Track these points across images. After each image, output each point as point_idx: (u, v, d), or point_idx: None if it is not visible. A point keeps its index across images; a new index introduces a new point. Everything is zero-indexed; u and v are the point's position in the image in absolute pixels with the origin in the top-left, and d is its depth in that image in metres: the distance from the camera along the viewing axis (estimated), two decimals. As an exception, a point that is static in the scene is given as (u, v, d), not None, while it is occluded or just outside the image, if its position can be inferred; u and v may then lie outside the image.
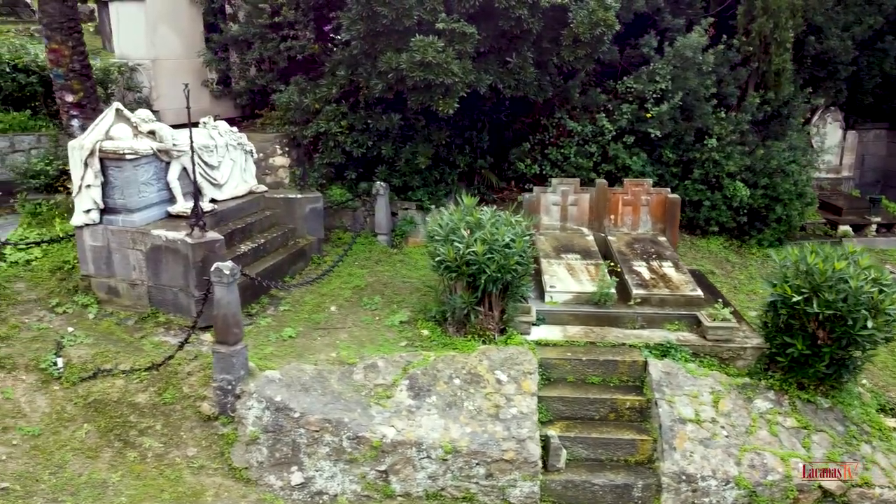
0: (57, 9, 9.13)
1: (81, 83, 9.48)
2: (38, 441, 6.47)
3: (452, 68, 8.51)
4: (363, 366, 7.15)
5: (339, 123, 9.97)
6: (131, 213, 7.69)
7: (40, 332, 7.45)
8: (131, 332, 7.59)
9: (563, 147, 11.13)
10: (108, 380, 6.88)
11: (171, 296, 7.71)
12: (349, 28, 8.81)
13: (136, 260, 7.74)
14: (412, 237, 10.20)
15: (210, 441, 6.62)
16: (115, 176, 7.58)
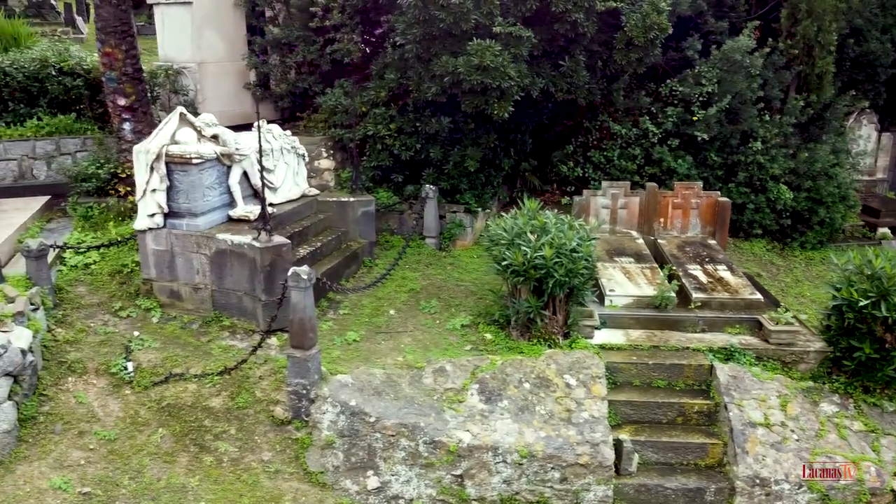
0: (111, 13, 9.14)
1: (134, 87, 9.49)
2: (115, 445, 6.48)
3: (509, 72, 8.52)
4: (431, 370, 7.16)
5: (388, 126, 9.98)
6: (195, 217, 7.69)
7: (107, 336, 7.45)
8: (197, 336, 7.60)
9: (605, 150, 11.14)
10: (180, 384, 6.88)
11: (235, 300, 7.72)
12: (404, 32, 8.81)
13: (200, 264, 7.74)
14: (460, 240, 10.20)
15: (284, 445, 6.63)
16: (181, 180, 7.59)
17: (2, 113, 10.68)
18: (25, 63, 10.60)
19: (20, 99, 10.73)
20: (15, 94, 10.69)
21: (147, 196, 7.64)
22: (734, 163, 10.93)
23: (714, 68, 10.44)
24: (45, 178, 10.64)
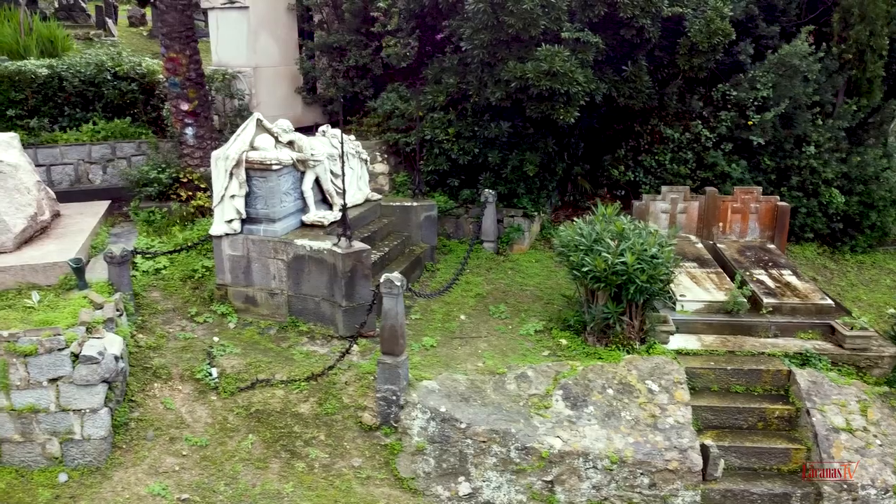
0: (176, 19, 9.16)
1: (196, 92, 9.51)
2: (207, 452, 6.50)
3: (577, 77, 8.55)
4: (513, 376, 7.18)
5: (446, 131, 10.00)
6: (273, 223, 7.71)
7: (187, 341, 7.47)
8: (276, 341, 7.62)
9: (657, 154, 11.15)
10: (267, 390, 6.90)
11: (312, 305, 7.74)
12: (471, 37, 8.84)
13: (277, 269, 7.76)
14: (517, 244, 10.22)
15: (373, 451, 6.65)
16: (259, 186, 7.61)
17: (58, 118, 10.70)
18: (82, 68, 10.63)
19: (76, 103, 10.76)
20: (71, 99, 10.71)
21: (225, 202, 7.66)
22: (787, 167, 10.94)
23: (769, 73, 10.46)
24: (101, 183, 10.66)
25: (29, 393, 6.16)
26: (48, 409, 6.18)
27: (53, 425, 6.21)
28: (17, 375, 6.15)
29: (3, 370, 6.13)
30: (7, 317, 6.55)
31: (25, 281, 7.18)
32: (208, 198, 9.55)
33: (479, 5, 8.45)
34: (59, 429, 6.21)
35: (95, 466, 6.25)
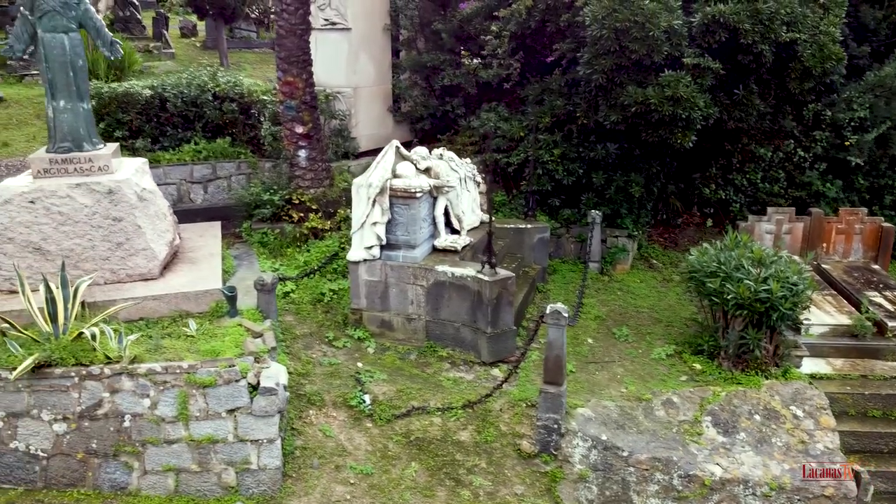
0: (294, 43, 9.25)
1: (310, 115, 9.60)
2: (373, 480, 6.57)
3: (698, 103, 8.65)
4: (659, 402, 7.27)
5: (551, 152, 10.09)
6: (412, 249, 7.80)
7: (332, 367, 7.55)
8: (419, 366, 7.70)
9: (748, 173, 11.25)
10: (424, 418, 6.98)
11: (451, 330, 7.82)
12: (590, 62, 8.93)
13: (415, 295, 7.85)
14: (620, 264, 10.31)
15: (534, 479, 6.73)
16: (401, 213, 7.69)
17: (159, 138, 10.78)
18: (184, 88, 10.71)
19: (177, 124, 10.84)
20: (172, 119, 10.79)
21: (365, 228, 7.74)
22: (881, 186, 11.05)
23: (866, 94, 10.56)
24: (202, 202, 10.75)
25: (208, 424, 6.24)
26: (226, 440, 6.26)
27: (230, 455, 6.28)
28: (197, 406, 6.22)
29: (184, 401, 6.21)
30: (173, 346, 6.62)
31: (179, 308, 7.25)
32: (320, 219, 9.64)
33: (602, 31, 8.54)
34: (235, 459, 6.29)
35: (270, 496, 6.33)
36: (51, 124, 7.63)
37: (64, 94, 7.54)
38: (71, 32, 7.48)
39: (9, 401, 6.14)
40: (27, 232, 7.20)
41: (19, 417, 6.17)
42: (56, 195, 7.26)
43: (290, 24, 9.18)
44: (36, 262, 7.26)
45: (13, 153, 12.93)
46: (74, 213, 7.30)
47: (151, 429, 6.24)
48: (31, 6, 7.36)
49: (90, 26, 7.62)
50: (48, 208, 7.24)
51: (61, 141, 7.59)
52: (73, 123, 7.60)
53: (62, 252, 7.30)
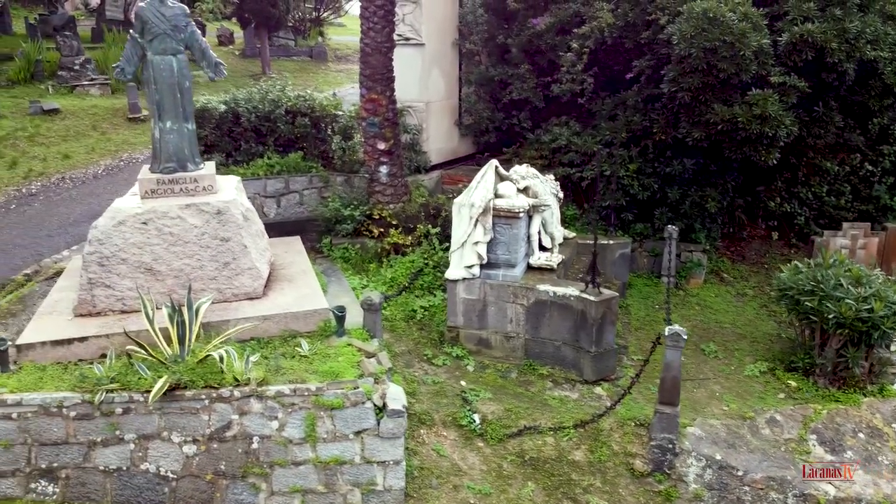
0: (380, 61, 9.32)
1: (392, 131, 9.67)
2: (492, 500, 6.65)
3: (785, 120, 8.74)
4: (762, 420, 7.35)
5: (626, 167, 10.17)
6: (512, 268, 7.88)
7: (436, 385, 7.62)
8: (521, 385, 7.78)
9: (813, 186, 11.33)
10: (536, 437, 7.05)
11: (551, 349, 7.90)
12: (675, 79, 8.99)
13: (515, 313, 7.92)
14: (693, 278, 10.39)
15: (648, 497, 6.81)
16: (503, 233, 7.77)
17: (232, 152, 10.85)
18: (258, 103, 10.78)
19: (250, 138, 10.90)
20: (245, 134, 10.86)
21: (466, 247, 7.82)
22: (947, 200, 11.14)
23: (935, 108, 10.64)
24: (275, 216, 10.79)
25: (335, 445, 6.31)
26: (353, 461, 6.33)
27: (356, 476, 6.35)
28: (324, 428, 6.29)
29: (312, 423, 6.28)
30: (293, 367, 6.68)
31: (288, 328, 7.31)
32: (400, 234, 9.71)
33: (691, 50, 8.61)
34: (361, 480, 6.36)
35: (394, 516, 6.40)
36: (156, 145, 7.69)
37: (171, 115, 7.61)
38: (179, 55, 7.55)
39: (140, 423, 6.21)
40: (139, 253, 7.27)
41: (150, 439, 6.24)
42: (167, 216, 7.32)
43: (377, 43, 9.26)
44: (146, 283, 7.32)
45: (75, 165, 13.06)
46: (184, 234, 7.37)
47: (279, 450, 6.31)
48: (142, 29, 7.42)
49: (196, 48, 7.69)
50: (160, 229, 7.31)
51: (166, 161, 7.65)
52: (179, 144, 7.67)
53: (172, 272, 7.37)
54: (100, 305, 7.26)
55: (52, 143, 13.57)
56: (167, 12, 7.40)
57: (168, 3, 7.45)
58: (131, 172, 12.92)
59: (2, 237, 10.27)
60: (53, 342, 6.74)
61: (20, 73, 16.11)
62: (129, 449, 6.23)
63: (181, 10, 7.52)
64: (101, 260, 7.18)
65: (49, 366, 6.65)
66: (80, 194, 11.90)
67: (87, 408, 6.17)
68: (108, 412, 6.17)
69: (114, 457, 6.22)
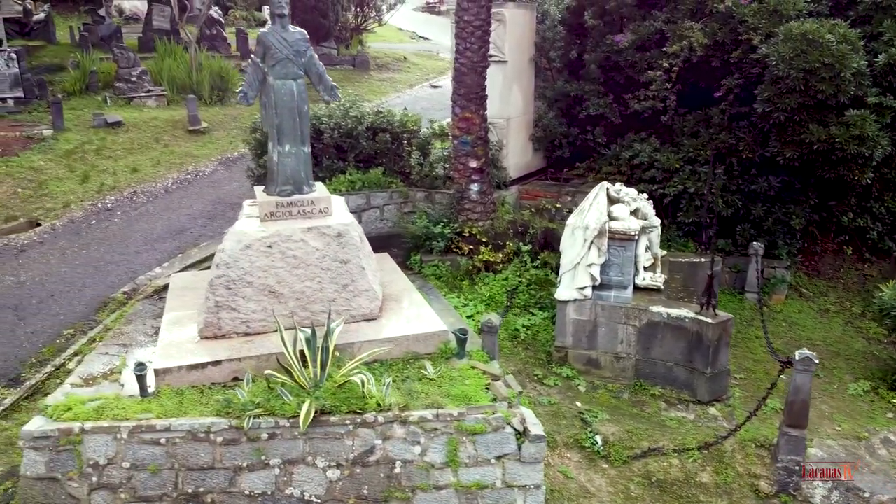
0: (475, 80, 9.40)
1: (483, 149, 9.75)
2: (625, 522, 6.73)
3: (881, 140, 8.83)
4: (878, 440, 7.44)
5: (714, 184, 10.24)
6: (624, 290, 7.96)
7: (553, 406, 7.70)
8: (635, 405, 7.86)
9: (886, 201, 11.41)
10: (661, 459, 7.13)
11: (662, 369, 7.98)
12: (771, 99, 9.07)
13: (626, 334, 8.00)
14: (775, 294, 10.47)
15: (775, 519, 6.89)
16: (617, 254, 7.85)
17: (314, 168, 10.89)
18: (340, 120, 10.84)
19: (331, 154, 10.97)
20: (327, 150, 10.92)
21: (579, 269, 7.90)
22: None
23: None
24: (357, 232, 10.86)
25: (476, 470, 6.38)
26: (494, 486, 6.40)
27: (497, 501, 6.42)
28: (466, 453, 6.36)
29: (454, 448, 6.35)
30: (425, 391, 6.74)
31: (409, 350, 7.38)
32: (491, 252, 9.78)
33: (789, 71, 8.69)
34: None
35: (533, 539, 6.47)
36: (274, 168, 7.75)
37: (290, 139, 7.67)
38: (298, 79, 7.61)
39: (285, 448, 6.28)
40: (264, 276, 7.33)
41: (295, 464, 6.31)
42: (291, 239, 7.39)
43: (472, 62, 9.33)
44: (270, 305, 7.39)
45: (144, 179, 13.12)
46: (306, 257, 7.44)
47: (421, 475, 6.37)
48: (264, 55, 7.48)
49: (314, 72, 7.75)
50: (283, 252, 7.37)
51: (283, 184, 7.72)
52: (296, 167, 7.74)
53: (294, 294, 7.44)
54: (225, 328, 7.32)
55: (119, 157, 13.62)
56: (289, 38, 7.47)
57: (289, 29, 7.52)
58: (202, 186, 13.01)
59: (91, 254, 10.33)
60: (189, 366, 6.81)
61: (75, 84, 16.17)
62: (274, 474, 6.29)
63: (301, 36, 7.58)
64: (229, 283, 7.25)
65: (186, 390, 6.73)
66: (156, 209, 11.95)
67: (233, 433, 6.23)
68: (254, 437, 6.24)
69: (259, 482, 6.29)
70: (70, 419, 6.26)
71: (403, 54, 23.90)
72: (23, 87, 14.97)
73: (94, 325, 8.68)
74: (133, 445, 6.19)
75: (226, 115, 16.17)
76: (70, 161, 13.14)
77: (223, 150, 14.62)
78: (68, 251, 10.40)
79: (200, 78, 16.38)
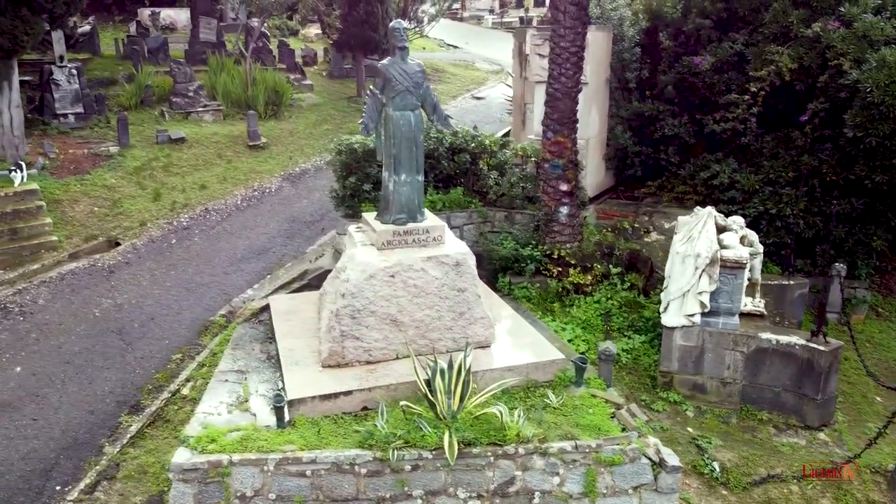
0: (568, 106, 9.51)
1: (574, 173, 9.86)
2: (752, 549, 6.84)
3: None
4: None
5: (793, 205, 10.36)
6: (732, 316, 8.07)
7: (664, 432, 7.79)
8: (745, 431, 7.97)
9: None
10: (781, 485, 7.25)
11: (769, 395, 8.10)
12: (862, 125, 9.19)
13: (733, 360, 8.12)
14: (855, 314, 10.60)
15: (897, 546, 7.01)
16: (727, 282, 7.96)
17: (396, 189, 11.00)
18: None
19: (413, 175, 11.06)
20: (409, 171, 11.01)
21: (689, 297, 8.01)
22: None
23: None
24: (438, 252, 10.95)
25: (613, 500, 6.49)
26: (631, 515, 6.52)
27: (633, 529, 6.54)
28: (604, 484, 6.48)
29: (592, 479, 6.46)
30: (555, 421, 6.85)
31: (528, 378, 7.49)
32: (579, 273, 9.89)
33: (884, 98, 8.81)
34: (637, 533, 6.54)
35: (667, 567, 6.58)
36: (389, 196, 7.85)
37: (406, 168, 7.78)
38: (416, 110, 7.72)
39: (427, 479, 6.38)
40: (387, 305, 7.44)
41: (437, 495, 6.41)
42: (412, 269, 7.50)
43: (567, 88, 9.44)
44: (390, 334, 7.50)
45: (213, 196, 13.23)
46: (426, 286, 7.55)
47: (559, 505, 6.49)
48: (383, 87, 7.60)
49: (429, 103, 7.85)
50: (405, 281, 7.48)
51: (398, 213, 7.83)
52: (410, 195, 7.85)
53: (413, 323, 7.55)
54: (348, 357, 7.43)
55: (186, 173, 13.73)
56: (409, 70, 7.57)
57: (408, 61, 7.63)
58: (272, 204, 13.11)
59: (180, 275, 10.43)
60: (322, 397, 6.92)
61: (131, 98, 16.26)
62: (416, 504, 6.41)
63: (420, 68, 7.69)
64: (353, 313, 7.35)
65: (320, 420, 6.83)
66: (232, 227, 12.06)
67: (377, 465, 6.34)
68: (397, 469, 6.35)
69: (401, 512, 6.40)
70: (216, 451, 6.36)
71: (440, 64, 24.03)
72: (83, 102, 15.05)
73: (199, 350, 8.78)
74: (279, 477, 6.30)
75: (281, 130, 16.26)
76: (139, 178, 13.23)
77: (284, 166, 14.72)
78: (157, 272, 10.50)
79: (255, 92, 16.47)
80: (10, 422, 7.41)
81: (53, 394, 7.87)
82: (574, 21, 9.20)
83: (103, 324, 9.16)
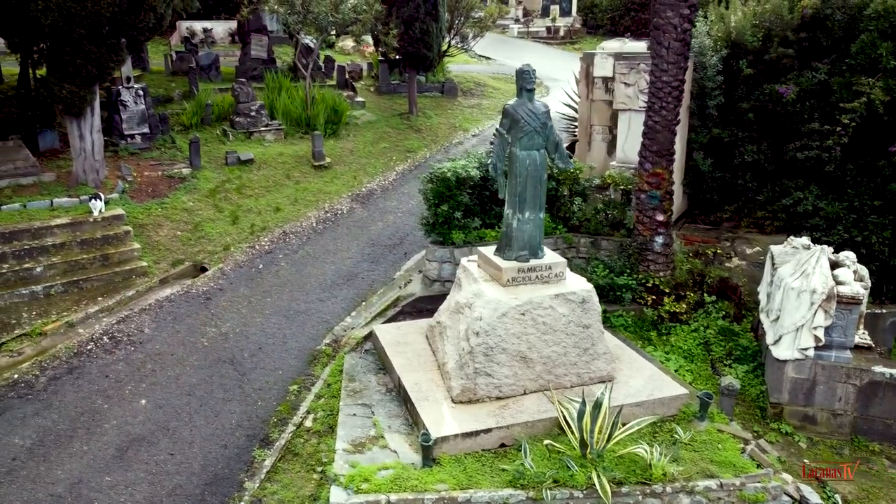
0: (667, 138, 9.67)
1: (670, 203, 10.02)
2: (884, 583, 7.01)
3: None
4: None
5: (882, 234, 10.53)
6: (844, 350, 8.24)
7: (782, 464, 7.96)
8: (861, 462, 8.13)
9: None
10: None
11: (881, 427, 8.26)
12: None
13: (845, 392, 8.28)
14: (934, 339, 10.76)
15: None
16: (842, 317, 8.13)
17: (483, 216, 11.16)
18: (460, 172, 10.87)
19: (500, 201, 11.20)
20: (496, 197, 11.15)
21: (803, 331, 8.17)
22: None
23: None
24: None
25: (759, 537, 6.66)
26: (774, 551, 6.68)
27: (774, 566, 6.71)
28: (749, 521, 6.64)
29: (744, 514, 6.63)
30: (690, 458, 7.03)
31: (653, 413, 7.65)
32: (675, 302, 10.04)
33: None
34: (779, 569, 6.70)
35: None
36: (511, 233, 8.01)
37: (530, 206, 7.94)
38: (541, 149, 7.89)
39: (578, 518, 6.55)
40: (517, 342, 7.61)
41: (586, 533, 6.58)
42: (541, 307, 7.67)
43: (667, 121, 9.61)
44: (520, 370, 7.67)
45: (288, 218, 13.37)
46: (554, 323, 7.71)
47: (703, 542, 6.65)
48: (510, 127, 7.76)
49: (552, 141, 8.01)
50: (535, 319, 7.65)
51: (520, 249, 7.99)
52: (532, 232, 8.01)
53: (541, 359, 7.72)
54: (479, 393, 7.59)
55: (258, 195, 13.87)
56: (536, 111, 7.74)
57: (535, 102, 7.79)
58: (348, 227, 13.24)
59: (276, 302, 10.58)
60: (464, 435, 7.08)
61: (192, 117, 16.39)
62: (566, 542, 6.56)
63: (545, 108, 7.85)
64: (486, 350, 7.52)
65: (462, 458, 6.99)
66: (314, 252, 12.20)
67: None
68: (549, 508, 6.52)
69: (552, 550, 6.56)
70: (372, 490, 6.53)
71: (480, 77, 24.19)
72: (149, 122, 15.19)
73: (313, 380, 8.93)
74: (435, 516, 6.46)
75: (342, 149, 16.40)
76: (216, 200, 13.38)
77: (350, 187, 14.86)
78: (252, 299, 10.65)
79: (316, 111, 16.61)
80: (150, 456, 7.56)
81: (183, 427, 8.01)
82: (677, 56, 9.37)
83: (214, 354, 9.31)
